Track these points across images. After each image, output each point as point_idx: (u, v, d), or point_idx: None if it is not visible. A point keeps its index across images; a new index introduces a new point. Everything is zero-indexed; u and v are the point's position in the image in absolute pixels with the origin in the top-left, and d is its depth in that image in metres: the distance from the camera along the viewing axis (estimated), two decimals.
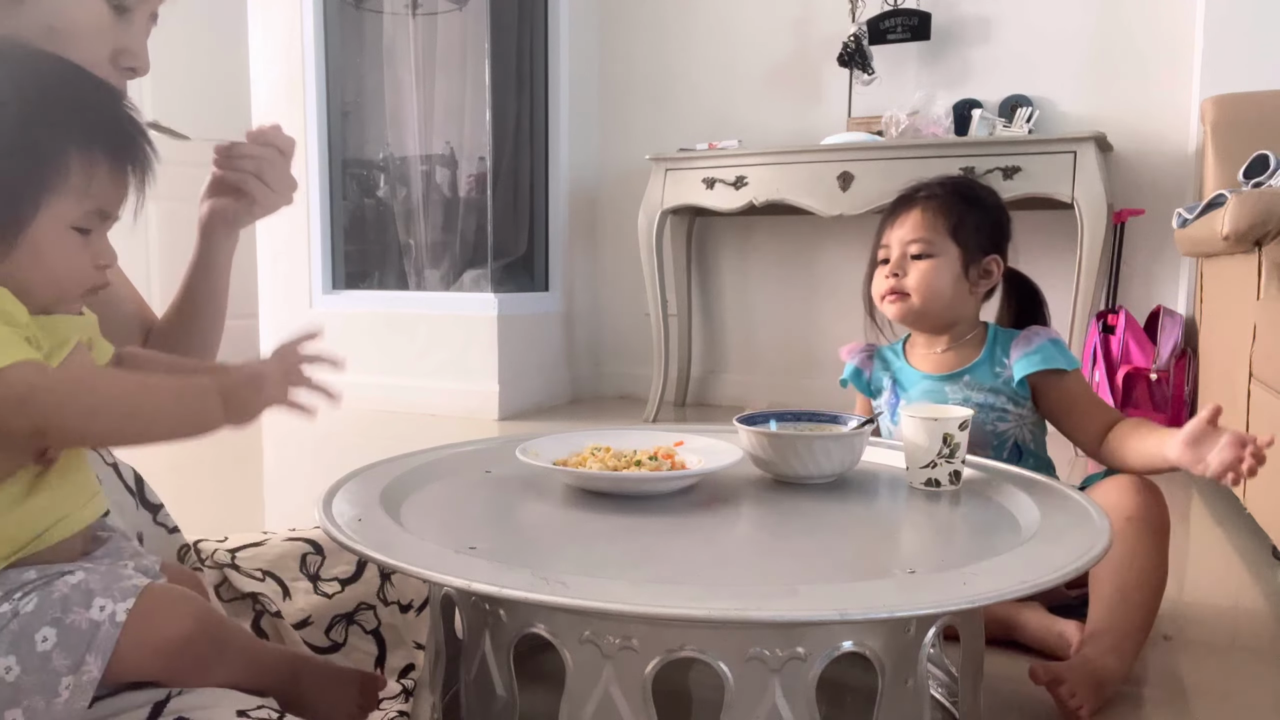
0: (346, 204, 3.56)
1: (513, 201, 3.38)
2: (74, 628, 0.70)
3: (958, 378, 1.35)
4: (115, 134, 0.75)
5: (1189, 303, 2.68)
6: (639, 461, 1.06)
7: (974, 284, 1.37)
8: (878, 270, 1.40)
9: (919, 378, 1.39)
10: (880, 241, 1.41)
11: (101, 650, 0.70)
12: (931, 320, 1.38)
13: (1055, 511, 0.92)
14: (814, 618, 0.64)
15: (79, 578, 0.73)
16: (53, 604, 0.71)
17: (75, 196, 0.73)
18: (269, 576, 1.07)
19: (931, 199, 1.37)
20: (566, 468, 1.04)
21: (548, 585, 0.66)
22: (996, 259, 1.38)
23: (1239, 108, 2.42)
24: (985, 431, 1.33)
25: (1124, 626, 1.11)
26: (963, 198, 1.37)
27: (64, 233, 0.73)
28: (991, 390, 1.33)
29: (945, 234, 1.35)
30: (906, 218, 1.37)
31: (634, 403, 3.41)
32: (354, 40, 3.50)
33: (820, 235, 3.21)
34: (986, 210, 1.38)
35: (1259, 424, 1.63)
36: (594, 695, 0.73)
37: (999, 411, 1.33)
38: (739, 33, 3.30)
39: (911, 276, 1.35)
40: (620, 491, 1.02)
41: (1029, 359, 1.32)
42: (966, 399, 1.33)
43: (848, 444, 1.06)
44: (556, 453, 1.09)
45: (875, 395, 1.45)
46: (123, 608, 0.71)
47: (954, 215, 1.35)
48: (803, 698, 0.71)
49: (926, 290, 1.34)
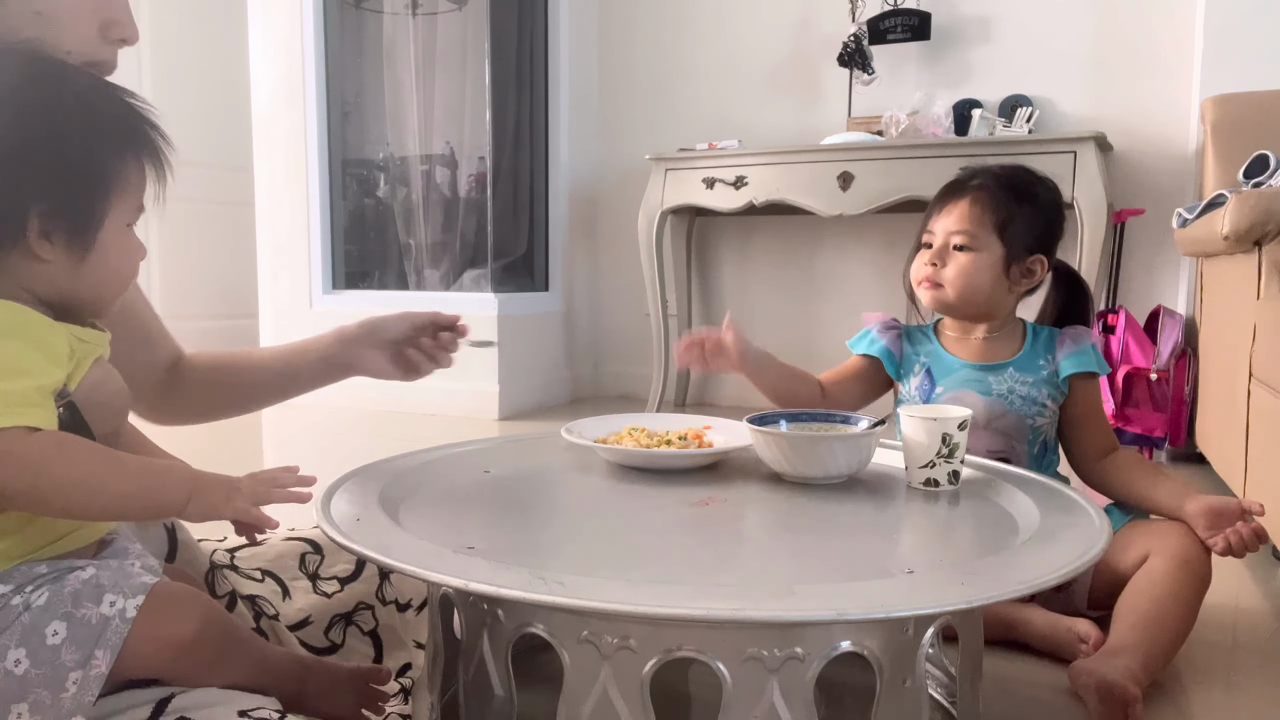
0: (346, 204, 3.56)
1: (513, 201, 3.38)
2: (84, 622, 0.71)
3: (1002, 369, 1.33)
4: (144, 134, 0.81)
5: (1189, 303, 2.68)
6: (669, 441, 1.15)
7: (1015, 282, 1.34)
8: (919, 254, 1.38)
9: (959, 365, 1.36)
10: (926, 226, 1.38)
11: (110, 645, 0.71)
12: (964, 312, 1.36)
13: (1054, 512, 0.92)
14: (811, 618, 0.63)
15: (90, 573, 0.74)
16: (64, 598, 0.72)
17: (131, 195, 0.80)
18: (268, 576, 1.07)
19: (983, 190, 1.33)
20: (606, 445, 1.13)
21: (545, 585, 0.66)
22: (1042, 260, 1.34)
23: (1239, 108, 2.42)
24: (1025, 425, 1.32)
25: (1153, 649, 1.10)
26: (1016, 193, 1.33)
27: (123, 231, 0.80)
28: (1035, 384, 1.32)
29: (991, 229, 1.31)
30: (955, 207, 1.34)
31: (634, 403, 3.41)
32: (354, 40, 3.50)
33: (820, 235, 3.21)
34: (1039, 208, 1.34)
35: (1259, 424, 1.63)
36: (592, 695, 0.73)
37: (1039, 406, 1.32)
38: (739, 33, 3.30)
39: (950, 268, 1.33)
40: (652, 467, 1.11)
41: (1077, 358, 1.31)
42: (1011, 390, 1.32)
43: (856, 445, 1.06)
44: (597, 432, 1.19)
45: (902, 379, 1.41)
46: (133, 604, 0.72)
47: (1003, 210, 1.31)
48: (801, 698, 0.70)
49: (963, 284, 1.32)
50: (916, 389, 1.38)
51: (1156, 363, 2.46)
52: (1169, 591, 1.14)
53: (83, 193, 0.76)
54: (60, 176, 0.75)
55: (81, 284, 0.78)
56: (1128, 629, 1.12)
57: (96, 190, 0.77)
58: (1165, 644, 1.12)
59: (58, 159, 0.75)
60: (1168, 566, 1.16)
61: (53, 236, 0.75)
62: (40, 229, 0.74)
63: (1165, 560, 1.17)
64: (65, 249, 0.76)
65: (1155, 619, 1.12)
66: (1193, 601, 1.16)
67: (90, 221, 0.76)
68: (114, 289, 0.82)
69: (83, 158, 0.76)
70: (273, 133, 3.47)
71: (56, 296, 0.77)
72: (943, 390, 1.35)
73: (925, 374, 1.38)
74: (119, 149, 0.78)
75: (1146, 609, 1.13)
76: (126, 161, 0.78)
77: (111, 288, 0.81)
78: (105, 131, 0.78)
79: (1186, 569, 1.16)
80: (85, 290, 0.78)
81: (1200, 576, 1.18)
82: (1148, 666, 1.07)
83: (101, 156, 0.77)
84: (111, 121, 0.79)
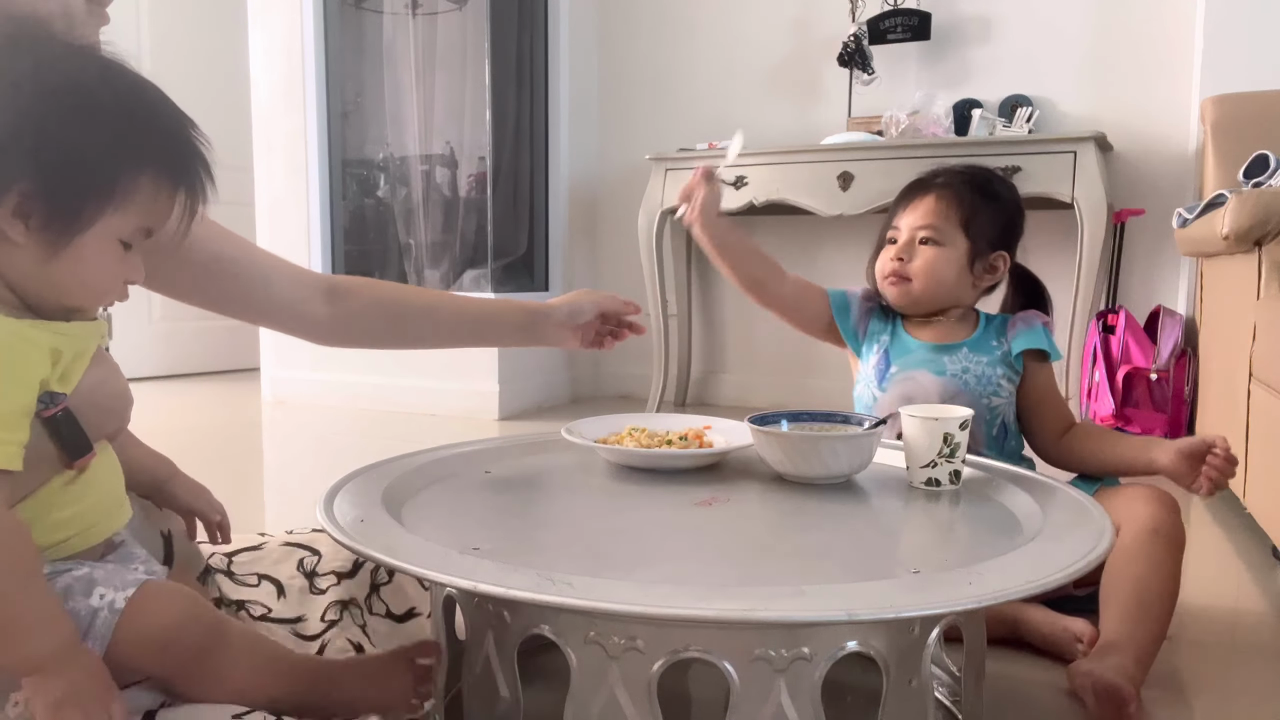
0: (346, 204, 3.55)
1: (513, 201, 3.38)
2: (74, 613, 0.71)
3: (956, 349, 1.36)
4: (182, 161, 0.77)
5: (1189, 303, 2.68)
6: (670, 441, 1.15)
7: (978, 278, 1.38)
8: (884, 250, 1.41)
9: (915, 345, 1.39)
10: (891, 223, 1.42)
11: (100, 637, 0.71)
12: (927, 306, 1.39)
13: (1056, 510, 0.92)
14: (822, 618, 0.64)
15: (84, 571, 0.74)
16: (56, 594, 0.71)
17: (133, 213, 0.75)
18: (265, 580, 1.07)
19: (948, 188, 1.37)
20: (607, 445, 1.13)
21: (554, 586, 0.66)
22: (1004, 256, 1.38)
23: (1239, 108, 2.42)
24: (981, 405, 1.33)
25: (1143, 640, 1.10)
26: (979, 191, 1.37)
27: (110, 244, 0.75)
28: (990, 362, 1.35)
29: (956, 225, 1.36)
30: (920, 203, 1.38)
31: (634, 403, 3.41)
32: (354, 40, 3.50)
33: (820, 235, 3.21)
34: (1001, 206, 1.39)
35: (1259, 424, 1.63)
36: (599, 697, 0.73)
37: (995, 385, 1.34)
38: (739, 33, 3.30)
39: (916, 261, 1.36)
40: (653, 467, 1.11)
41: (1029, 335, 1.34)
42: (965, 370, 1.35)
43: (858, 445, 1.06)
44: (597, 432, 1.19)
45: (858, 348, 1.45)
46: (122, 596, 0.72)
47: (967, 207, 1.36)
48: (808, 698, 0.71)
49: (929, 277, 1.36)
50: (874, 368, 1.41)
51: (1156, 363, 2.47)
52: (1148, 568, 1.13)
53: (77, 188, 0.72)
54: (60, 162, 0.71)
55: (45, 281, 0.73)
56: (1116, 622, 1.12)
57: (93, 192, 0.72)
58: (1154, 627, 1.12)
59: (65, 145, 0.71)
60: (1140, 539, 1.15)
61: (29, 220, 0.71)
62: (17, 206, 0.70)
63: (1136, 532, 1.16)
64: (38, 238, 0.71)
65: (1140, 603, 1.12)
66: (1173, 569, 1.16)
67: (73, 219, 0.72)
68: (80, 298, 0.76)
69: (92, 155, 0.72)
70: (273, 133, 3.46)
71: (25, 288, 0.73)
72: (897, 370, 1.37)
73: (883, 354, 1.41)
74: (140, 162, 0.74)
75: (1130, 592, 1.13)
76: (143, 177, 0.74)
77: (77, 297, 0.76)
78: (131, 141, 0.74)
79: (1159, 537, 1.15)
80: (47, 289, 0.74)
81: (1174, 541, 1.17)
82: (1141, 660, 1.07)
83: (115, 162, 0.73)
84: (144, 135, 0.75)
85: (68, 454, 0.75)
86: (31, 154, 0.70)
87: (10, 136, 0.70)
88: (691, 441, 1.16)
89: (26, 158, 0.70)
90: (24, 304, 0.74)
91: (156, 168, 0.75)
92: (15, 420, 0.69)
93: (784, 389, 3.31)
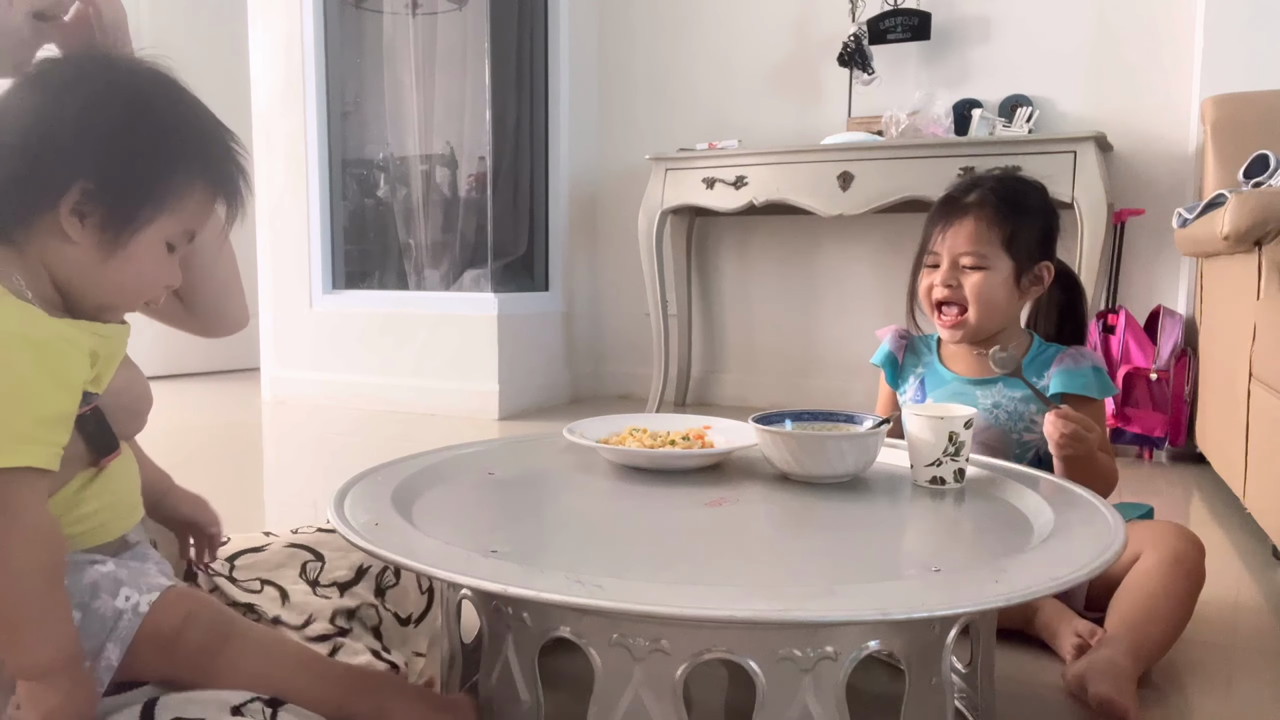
0: (346, 204, 3.55)
1: (513, 201, 3.38)
2: (99, 614, 0.72)
3: (992, 383, 1.35)
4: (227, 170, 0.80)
5: (1189, 303, 2.70)
6: (673, 441, 1.14)
7: (1024, 292, 1.37)
8: (924, 273, 1.39)
9: (950, 378, 1.39)
10: (929, 246, 1.38)
11: (121, 640, 0.72)
12: (984, 334, 1.37)
13: (1065, 509, 0.93)
14: (856, 618, 0.64)
15: (110, 568, 0.74)
16: (83, 589, 0.72)
17: (182, 218, 0.78)
18: (267, 585, 1.06)
19: (985, 208, 1.34)
20: (609, 445, 1.13)
21: (584, 588, 0.66)
22: (1048, 265, 1.37)
23: (1239, 108, 2.43)
24: (1010, 440, 1.33)
25: (1141, 639, 1.11)
26: (1015, 206, 1.35)
27: (159, 246, 0.77)
28: (1024, 398, 1.33)
29: (999, 246, 1.33)
30: (960, 227, 1.35)
31: (634, 402, 3.42)
32: (354, 40, 3.49)
33: (820, 235, 3.22)
34: (1037, 216, 1.37)
35: (1259, 424, 1.64)
36: (624, 699, 0.73)
37: (1028, 422, 1.34)
38: (739, 33, 3.30)
39: (966, 288, 1.34)
40: (657, 468, 1.11)
41: (1070, 378, 1.31)
42: (997, 405, 1.34)
43: (863, 444, 1.07)
44: (598, 432, 1.19)
45: (899, 386, 1.45)
46: (146, 599, 0.73)
47: (1008, 226, 1.33)
48: (833, 697, 0.71)
49: (982, 303, 1.33)
50: (910, 399, 1.42)
51: (1156, 363, 2.48)
52: (1161, 587, 1.15)
53: (136, 190, 0.74)
54: (122, 165, 0.73)
55: (99, 282, 0.75)
56: (1118, 622, 1.14)
57: (151, 194, 0.75)
58: (1156, 635, 1.13)
59: (129, 149, 0.73)
60: (1159, 564, 1.17)
61: (86, 219, 0.73)
62: (77, 205, 0.72)
63: (1157, 557, 1.18)
64: (95, 237, 0.74)
65: (1146, 610, 1.13)
66: (1185, 598, 1.17)
67: (130, 220, 0.74)
68: (127, 299, 0.79)
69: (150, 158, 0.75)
70: (273, 133, 3.46)
71: (72, 286, 0.75)
72: (931, 402, 1.37)
73: (919, 385, 1.41)
74: (193, 171, 0.77)
75: (1137, 602, 1.14)
76: (194, 185, 0.77)
77: (126, 297, 0.78)
78: (188, 150, 0.77)
79: (1178, 566, 1.17)
80: (98, 290, 0.76)
81: (1193, 574, 1.18)
82: (1135, 654, 1.08)
83: (172, 168, 0.76)
84: (199, 145, 0.78)
85: (96, 452, 0.76)
86: (93, 154, 0.72)
87: (73, 137, 0.71)
88: (694, 441, 1.16)
89: (88, 158, 0.72)
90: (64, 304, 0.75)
91: (206, 174, 0.78)
92: (58, 424, 0.70)
93: (784, 389, 3.32)
